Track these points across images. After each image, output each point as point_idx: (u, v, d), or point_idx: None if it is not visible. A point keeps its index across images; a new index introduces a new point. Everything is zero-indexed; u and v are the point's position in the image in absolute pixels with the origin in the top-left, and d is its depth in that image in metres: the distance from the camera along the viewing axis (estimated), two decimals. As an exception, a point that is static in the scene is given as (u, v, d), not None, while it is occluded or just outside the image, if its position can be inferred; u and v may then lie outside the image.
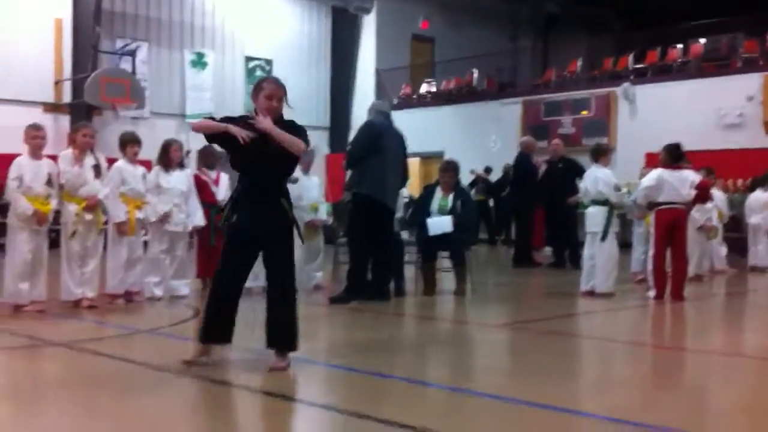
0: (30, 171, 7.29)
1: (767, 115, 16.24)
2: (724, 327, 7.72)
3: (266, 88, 5.22)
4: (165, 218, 8.27)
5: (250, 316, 7.62)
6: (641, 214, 9.71)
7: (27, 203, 7.17)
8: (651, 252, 8.84)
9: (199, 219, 8.55)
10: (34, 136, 7.43)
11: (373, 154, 8.19)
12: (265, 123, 4.98)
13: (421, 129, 19.94)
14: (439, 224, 8.80)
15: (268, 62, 21.53)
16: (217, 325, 5.17)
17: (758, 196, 12.50)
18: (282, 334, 5.08)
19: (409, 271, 9.44)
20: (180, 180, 8.46)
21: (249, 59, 21.20)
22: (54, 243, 7.85)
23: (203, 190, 8.86)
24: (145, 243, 8.50)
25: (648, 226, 9.47)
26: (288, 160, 5.14)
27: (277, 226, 5.11)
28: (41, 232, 7.41)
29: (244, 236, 5.12)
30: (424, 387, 4.79)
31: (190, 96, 19.98)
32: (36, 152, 7.42)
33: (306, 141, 5.13)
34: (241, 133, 4.91)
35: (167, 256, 8.47)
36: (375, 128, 8.41)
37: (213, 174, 9.06)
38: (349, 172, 9.10)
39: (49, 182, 7.37)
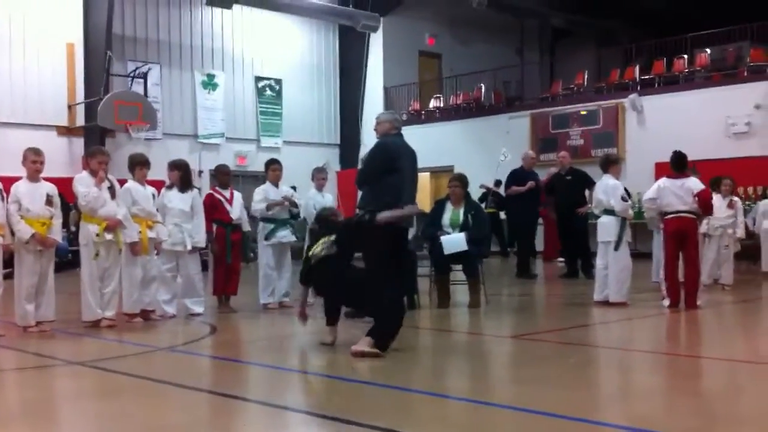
0: (28, 194, 7.39)
1: (776, 123, 16.27)
2: (740, 334, 7.73)
3: None
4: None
5: (271, 331, 7.69)
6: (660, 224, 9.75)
7: (26, 226, 7.27)
8: (662, 261, 8.88)
9: (200, 240, 8.58)
10: (34, 161, 7.54)
11: (388, 173, 8.25)
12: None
13: (431, 144, 20.04)
14: (454, 243, 8.86)
15: (278, 82, 21.72)
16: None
17: (768, 202, 12.51)
18: None
19: (423, 285, 9.51)
20: (184, 200, 8.56)
21: (259, 79, 21.39)
22: (69, 264, 7.95)
23: (217, 208, 8.96)
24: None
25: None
26: None
27: None
28: (47, 253, 7.51)
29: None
30: (445, 400, 4.83)
31: (201, 116, 20.17)
32: (34, 176, 7.52)
33: None
34: None
35: (175, 274, 8.57)
36: (389, 148, 8.46)
37: (227, 193, 9.16)
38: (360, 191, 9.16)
39: (49, 203, 7.47)
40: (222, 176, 9.35)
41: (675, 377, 5.60)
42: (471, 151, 20.24)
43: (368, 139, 19.04)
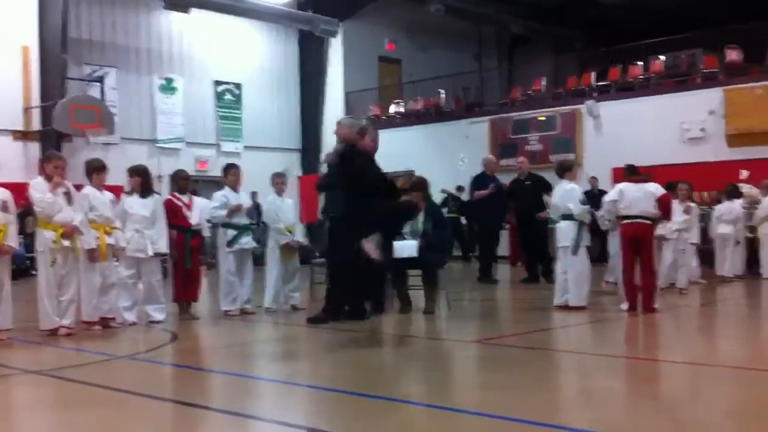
0: None
1: (729, 129, 16.61)
2: (697, 337, 7.87)
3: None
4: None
5: (233, 339, 7.66)
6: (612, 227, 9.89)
7: None
8: (620, 265, 9.02)
9: (161, 246, 8.50)
10: None
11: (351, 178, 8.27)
12: None
13: (391, 149, 19.91)
14: (405, 248, 8.88)
15: (238, 86, 21.61)
16: None
17: (727, 207, 12.76)
18: None
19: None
20: (145, 206, 8.48)
21: (218, 83, 21.26)
22: (26, 271, 7.83)
23: (176, 214, 8.86)
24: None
25: None
26: None
27: None
28: (3, 260, 7.37)
29: None
30: (406, 405, 4.85)
31: (160, 121, 19.97)
32: None
33: None
34: None
35: (136, 281, 8.48)
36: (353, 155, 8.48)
37: (186, 198, 9.07)
38: (322, 195, 9.19)
39: (3, 209, 7.33)
40: (180, 181, 9.25)
41: (635, 381, 5.68)
42: (431, 156, 20.35)
43: (329, 144, 19.02)
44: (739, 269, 12.73)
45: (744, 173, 14.95)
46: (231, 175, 9.34)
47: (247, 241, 9.20)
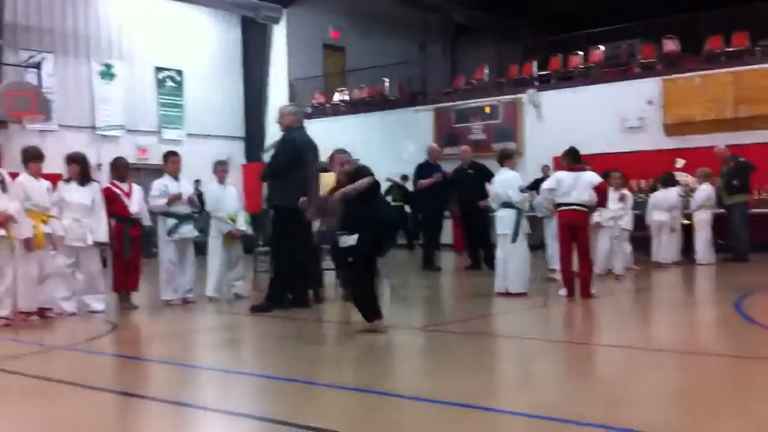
0: None
1: (667, 118, 16.99)
2: (632, 322, 8.07)
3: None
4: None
5: (174, 328, 7.61)
6: (549, 214, 10.07)
7: None
8: (557, 252, 9.20)
9: (101, 235, 8.39)
10: None
11: (295, 168, 8.29)
12: None
13: (336, 138, 19.88)
14: (348, 237, 8.89)
15: (179, 73, 21.31)
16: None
17: (662, 195, 13.09)
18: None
19: (329, 279, 9.57)
20: (83, 194, 8.35)
21: (159, 70, 20.94)
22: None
23: (115, 202, 8.73)
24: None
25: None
26: None
27: None
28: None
29: None
30: (347, 391, 4.90)
31: (99, 108, 19.59)
32: None
33: None
34: None
35: (74, 270, 8.35)
36: (297, 143, 8.49)
37: (125, 186, 8.94)
38: (265, 184, 9.17)
39: None
40: (120, 169, 9.10)
41: (572, 364, 5.82)
42: (376, 144, 20.35)
43: (273, 132, 18.93)
44: (676, 255, 13.06)
45: (680, 162, 15.31)
46: (171, 162, 9.24)
47: (188, 230, 9.12)
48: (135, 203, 8.87)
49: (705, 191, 13.28)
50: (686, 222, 13.34)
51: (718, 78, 16.41)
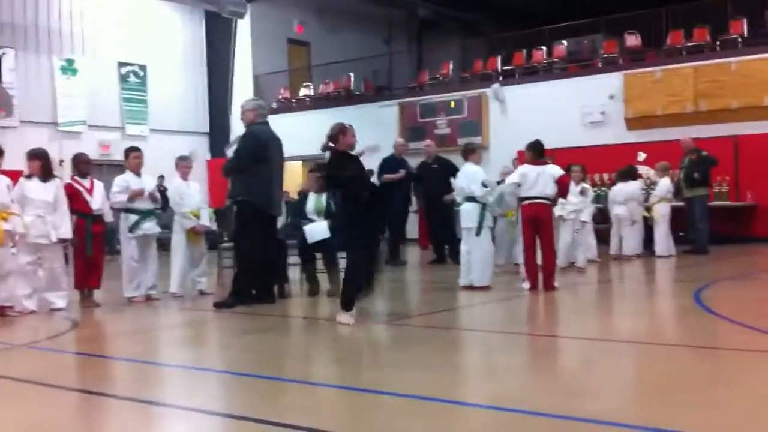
0: None
1: (628, 112, 17.21)
2: (594, 314, 8.17)
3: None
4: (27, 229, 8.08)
5: (137, 325, 7.57)
6: (502, 211, 10.17)
7: None
8: (521, 246, 9.29)
9: (64, 231, 8.30)
10: None
11: (259, 162, 8.27)
12: None
13: (302, 133, 19.89)
14: (317, 231, 8.93)
15: (142, 68, 21.13)
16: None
17: (620, 188, 13.25)
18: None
19: (294, 274, 9.57)
20: (45, 190, 8.26)
21: (122, 65, 20.74)
22: None
23: (76, 199, 8.63)
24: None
25: (508, 222, 10.19)
26: None
27: None
28: None
29: None
30: (311, 386, 4.91)
31: (61, 103, 19.38)
32: None
33: None
34: None
35: (36, 267, 8.26)
36: (260, 138, 8.47)
37: (86, 182, 8.85)
38: (229, 180, 9.12)
39: None
40: (81, 165, 8.99)
41: (535, 356, 5.89)
42: (341, 139, 20.36)
43: (238, 128, 18.88)
44: (638, 248, 13.23)
45: (642, 155, 15.51)
46: (132, 158, 9.16)
47: (150, 227, 9.05)
48: (97, 199, 8.78)
49: (665, 184, 13.49)
50: (647, 215, 13.51)
51: (679, 72, 16.66)
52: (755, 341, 5.85)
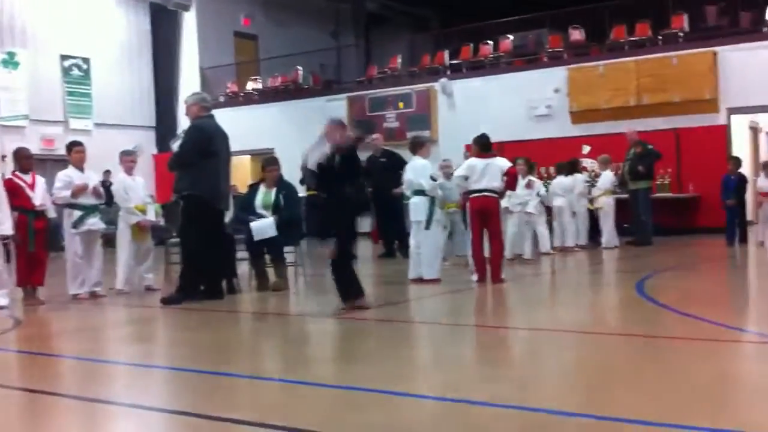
0: None
1: (573, 106, 17.47)
2: (540, 305, 8.30)
3: None
4: None
5: (82, 323, 7.46)
6: (442, 203, 10.24)
7: None
8: (469, 238, 9.38)
9: (5, 228, 8.12)
10: None
11: (205, 156, 8.20)
12: None
13: (250, 127, 19.98)
14: (263, 229, 8.89)
15: (86, 61, 20.75)
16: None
17: (561, 180, 13.46)
18: None
19: (242, 269, 9.52)
20: None
21: (64, 58, 20.34)
22: None
23: (18, 194, 8.46)
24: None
25: (447, 214, 10.33)
26: None
27: None
28: None
29: None
30: (259, 381, 4.91)
31: (2, 97, 18.94)
32: None
33: None
34: None
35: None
36: (206, 132, 8.40)
37: (28, 178, 8.67)
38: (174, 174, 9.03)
39: None
40: (22, 160, 8.82)
41: (483, 347, 5.97)
42: (290, 133, 20.25)
43: (185, 122, 18.69)
44: (582, 239, 13.45)
45: (586, 148, 15.75)
46: (75, 152, 9.00)
47: (94, 222, 8.91)
48: (39, 195, 8.62)
49: (608, 177, 13.73)
50: (590, 207, 13.73)
51: (622, 67, 16.96)
52: (696, 330, 6.01)
